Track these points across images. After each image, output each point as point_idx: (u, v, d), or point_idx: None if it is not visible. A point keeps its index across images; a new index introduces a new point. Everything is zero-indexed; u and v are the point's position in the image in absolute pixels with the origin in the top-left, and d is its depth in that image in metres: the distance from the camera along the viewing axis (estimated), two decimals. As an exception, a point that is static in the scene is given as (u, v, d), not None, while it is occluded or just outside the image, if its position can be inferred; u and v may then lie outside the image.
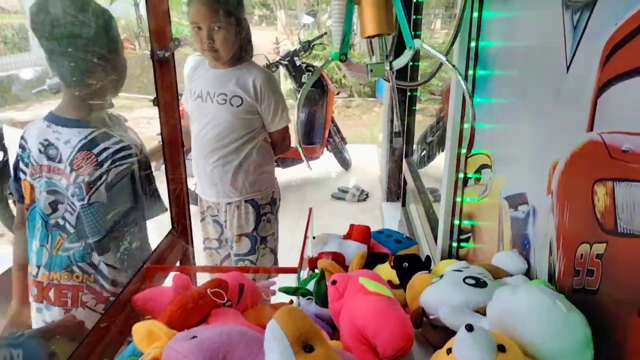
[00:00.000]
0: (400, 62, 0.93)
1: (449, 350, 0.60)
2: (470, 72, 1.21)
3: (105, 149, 1.31)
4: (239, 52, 1.91)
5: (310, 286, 0.99)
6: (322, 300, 0.90)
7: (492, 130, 1.14)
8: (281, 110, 1.94)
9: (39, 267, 1.30)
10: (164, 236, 1.38)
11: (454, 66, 1.00)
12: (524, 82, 0.96)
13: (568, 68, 0.74)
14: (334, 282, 0.85)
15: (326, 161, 5.06)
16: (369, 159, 5.59)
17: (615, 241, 0.61)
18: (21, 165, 1.31)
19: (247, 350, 0.62)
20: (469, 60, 1.21)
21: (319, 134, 4.65)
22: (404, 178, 3.14)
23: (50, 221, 1.28)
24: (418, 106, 3.45)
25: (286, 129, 2.02)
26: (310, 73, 4.59)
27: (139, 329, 0.69)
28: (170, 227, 1.52)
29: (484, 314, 0.71)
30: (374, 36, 0.92)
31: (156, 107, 1.50)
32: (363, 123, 7.73)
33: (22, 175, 1.31)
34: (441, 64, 1.14)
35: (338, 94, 5.42)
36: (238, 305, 0.99)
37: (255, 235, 2.03)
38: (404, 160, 3.14)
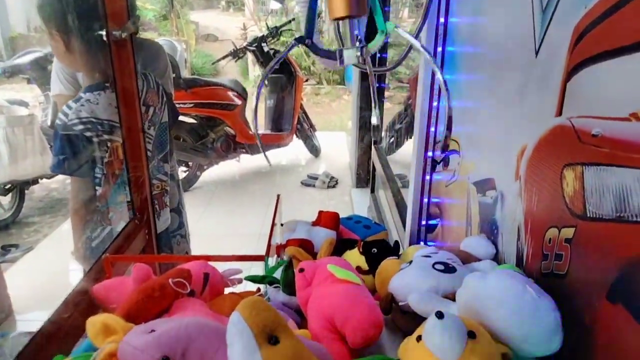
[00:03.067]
0: (372, 47, 0.88)
1: (419, 338, 0.59)
2: (439, 50, 1.19)
3: (153, 79, 1.76)
4: None
5: (278, 274, 0.96)
6: (290, 289, 0.88)
7: (461, 116, 1.13)
8: None
9: None
10: (125, 224, 1.32)
11: (424, 48, 0.98)
12: (493, 68, 0.95)
13: (537, 52, 0.74)
14: (301, 270, 0.83)
15: (295, 148, 5.02)
16: (338, 146, 5.58)
17: (584, 225, 0.61)
18: (105, 137, 1.56)
19: (208, 343, 0.59)
20: (437, 43, 1.19)
21: (287, 121, 4.60)
22: (373, 164, 3.14)
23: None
24: (386, 94, 3.45)
25: None
26: (278, 59, 4.52)
27: (94, 323, 0.65)
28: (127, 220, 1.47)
29: (454, 300, 0.70)
30: (343, 18, 0.87)
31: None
32: (332, 110, 7.70)
33: (108, 144, 1.58)
34: (410, 46, 1.12)
35: (307, 80, 5.38)
36: (203, 295, 0.96)
37: (180, 207, 2.05)
38: (372, 147, 3.14)
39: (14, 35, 8.26)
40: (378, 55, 2.84)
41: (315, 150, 5.18)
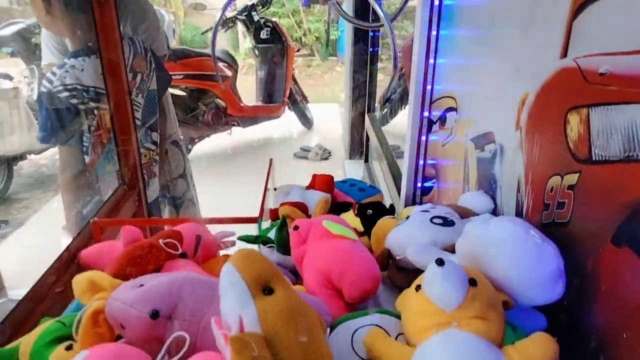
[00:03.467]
0: None
1: (418, 287, 0.57)
2: (436, 3, 1.14)
3: (141, 44, 1.68)
4: None
5: (272, 235, 0.94)
6: (285, 248, 0.86)
7: (458, 72, 1.09)
8: None
9: None
10: (113, 191, 1.29)
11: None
12: (492, 16, 0.91)
13: (541, -9, 0.70)
14: (296, 228, 0.81)
15: (288, 121, 4.96)
16: (331, 118, 5.52)
17: (589, 169, 0.58)
18: (91, 104, 1.52)
19: (201, 296, 0.57)
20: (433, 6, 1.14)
21: (279, 92, 4.53)
22: (367, 134, 3.10)
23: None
24: (379, 65, 3.38)
25: None
26: (268, 29, 4.41)
27: (80, 281, 0.62)
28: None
29: (453, 253, 0.68)
30: None
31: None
32: (324, 83, 7.60)
33: (95, 112, 1.54)
34: (404, 4, 1.08)
35: (298, 50, 5.27)
36: (195, 258, 0.93)
37: (186, 173, 2.10)
38: (366, 116, 3.10)
39: (-4, 8, 8.00)
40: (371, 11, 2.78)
41: (307, 122, 5.12)
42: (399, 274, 0.80)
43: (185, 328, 0.54)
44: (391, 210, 1.09)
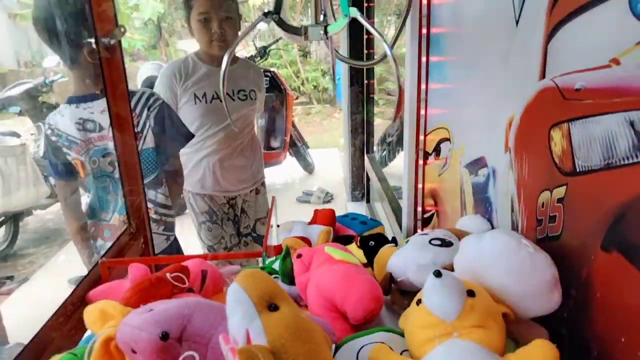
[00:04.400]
0: (334, 29, 0.93)
1: (419, 302, 0.58)
2: (424, 32, 1.21)
3: (138, 101, 1.62)
4: None
5: (276, 266, 0.96)
6: (289, 278, 0.87)
7: (448, 103, 1.14)
8: None
9: (112, 213, 1.60)
10: (120, 234, 1.31)
11: (380, 34, 1.02)
12: (476, 46, 0.96)
13: (517, 22, 0.75)
14: (299, 256, 0.83)
15: (289, 167, 5.03)
16: (331, 163, 5.60)
17: (574, 181, 0.61)
18: (64, 150, 1.56)
19: (209, 319, 0.58)
20: (421, 29, 1.21)
21: (280, 139, 4.63)
22: (367, 174, 3.15)
23: (115, 175, 1.55)
24: (376, 110, 3.49)
25: None
26: (267, 78, 4.56)
27: (91, 311, 0.64)
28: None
29: (452, 272, 0.70)
30: None
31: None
32: (323, 129, 7.75)
33: (68, 157, 1.57)
34: (392, 44, 1.15)
35: (297, 98, 5.42)
36: (202, 293, 0.95)
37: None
38: (365, 157, 3.16)
39: (4, 71, 8.32)
40: (365, 51, 2.89)
41: (308, 167, 5.19)
42: (402, 298, 0.81)
43: (194, 349, 0.55)
44: (393, 242, 1.11)
